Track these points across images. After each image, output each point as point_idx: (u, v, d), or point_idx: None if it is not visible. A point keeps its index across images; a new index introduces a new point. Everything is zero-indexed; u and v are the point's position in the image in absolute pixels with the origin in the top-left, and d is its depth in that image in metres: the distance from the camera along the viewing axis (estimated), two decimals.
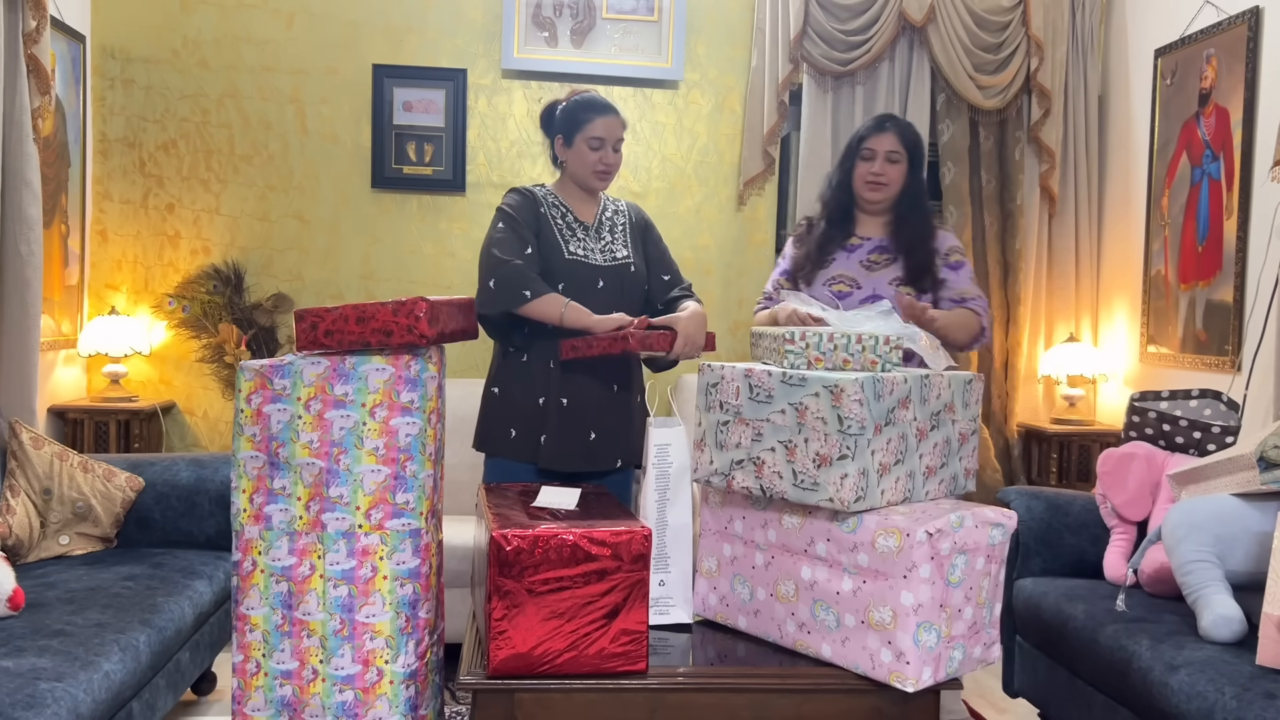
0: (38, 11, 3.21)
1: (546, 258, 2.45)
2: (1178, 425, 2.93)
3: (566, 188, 2.57)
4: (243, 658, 1.95)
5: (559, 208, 2.53)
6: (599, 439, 2.47)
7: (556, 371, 2.43)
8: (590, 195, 2.57)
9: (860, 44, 4.14)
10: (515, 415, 2.46)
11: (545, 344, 2.43)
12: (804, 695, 1.76)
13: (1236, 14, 3.49)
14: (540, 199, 2.52)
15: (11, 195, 3.21)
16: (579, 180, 2.53)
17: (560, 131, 2.51)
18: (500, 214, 2.48)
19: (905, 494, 1.82)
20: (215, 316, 4.03)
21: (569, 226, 2.51)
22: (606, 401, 2.49)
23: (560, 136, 2.52)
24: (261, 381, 1.92)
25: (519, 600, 1.68)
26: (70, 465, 2.88)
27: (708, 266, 4.30)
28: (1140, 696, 2.21)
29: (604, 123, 2.47)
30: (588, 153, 2.48)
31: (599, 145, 2.47)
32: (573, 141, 2.49)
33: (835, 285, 2.67)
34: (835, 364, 1.86)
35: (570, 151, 2.50)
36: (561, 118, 2.51)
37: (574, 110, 2.49)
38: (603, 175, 2.50)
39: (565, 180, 2.57)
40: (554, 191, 2.56)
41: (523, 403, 2.46)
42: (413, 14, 4.14)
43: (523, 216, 2.46)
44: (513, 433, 2.45)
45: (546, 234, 2.47)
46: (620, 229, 2.60)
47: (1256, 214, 3.39)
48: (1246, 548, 2.33)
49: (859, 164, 2.66)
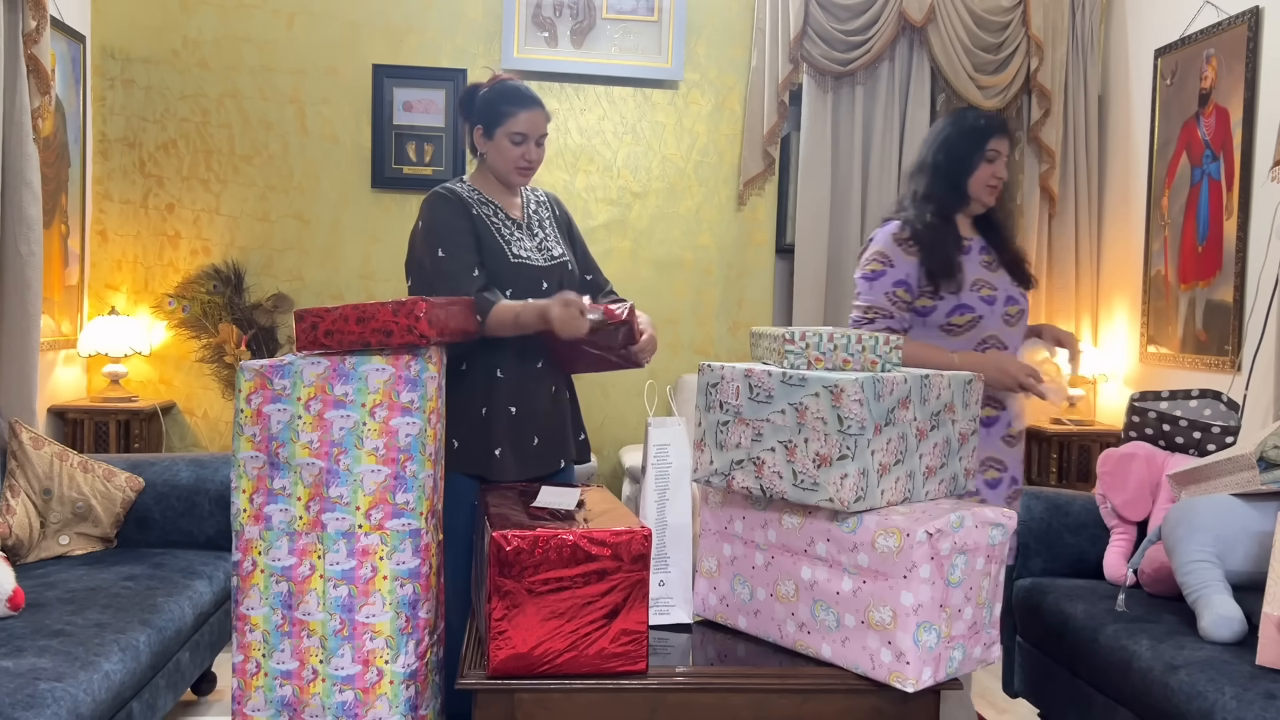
0: (38, 11, 3.21)
1: (490, 265, 2.27)
2: (1178, 425, 2.93)
3: (487, 181, 2.38)
4: (243, 658, 1.95)
5: (488, 204, 2.34)
6: (541, 443, 2.35)
7: (504, 379, 2.30)
8: (511, 189, 2.40)
9: (860, 44, 4.14)
10: (458, 427, 2.28)
11: (487, 351, 2.28)
12: (804, 695, 1.75)
13: (1236, 14, 3.49)
14: (467, 199, 2.31)
15: (11, 195, 3.21)
16: (499, 175, 2.35)
17: (480, 122, 2.32)
18: (430, 235, 2.27)
19: (905, 494, 1.82)
20: (215, 316, 4.03)
21: (504, 225, 2.33)
22: (548, 404, 2.37)
23: (480, 127, 2.33)
24: (261, 381, 1.92)
25: (519, 600, 1.67)
26: (70, 465, 2.88)
27: (708, 266, 4.30)
28: (1140, 696, 2.21)
29: (527, 117, 2.29)
30: (509, 148, 2.30)
31: (521, 140, 2.29)
32: (493, 135, 2.30)
33: (981, 290, 2.50)
34: (835, 364, 1.86)
35: (490, 145, 2.32)
36: (481, 107, 2.32)
37: (494, 101, 2.30)
38: (524, 172, 2.33)
39: (484, 173, 2.38)
40: (476, 187, 2.36)
41: (466, 414, 2.29)
42: (413, 14, 4.14)
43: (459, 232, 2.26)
44: (455, 444, 2.28)
45: (486, 239, 2.29)
46: (548, 223, 2.45)
47: (1256, 214, 3.39)
48: (1246, 548, 2.33)
49: (983, 165, 2.49)
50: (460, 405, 2.28)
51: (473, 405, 2.29)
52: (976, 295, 2.47)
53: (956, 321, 2.47)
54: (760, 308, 4.32)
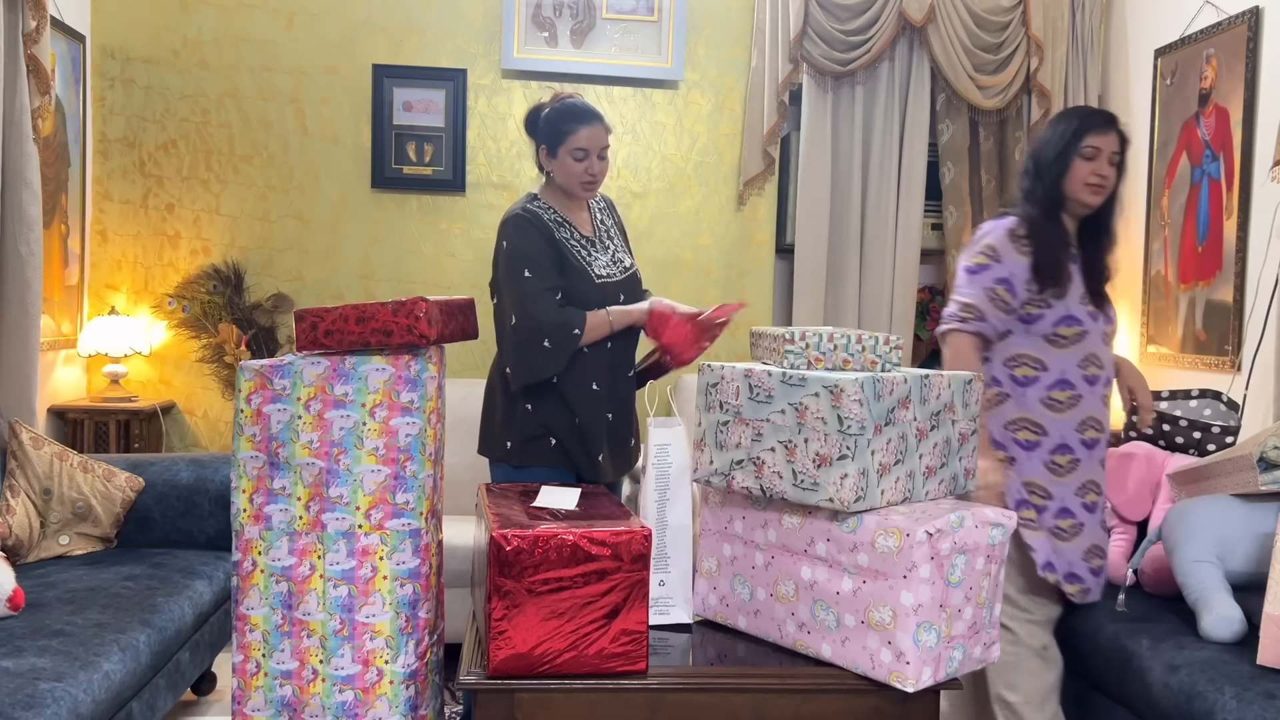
0: (38, 11, 3.21)
1: (575, 287, 2.38)
2: (1178, 425, 2.93)
3: (557, 197, 2.48)
4: (243, 658, 1.95)
5: (565, 225, 2.44)
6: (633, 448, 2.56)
7: (600, 390, 2.41)
8: (578, 202, 2.50)
9: (860, 44, 4.14)
10: (554, 427, 2.40)
11: (579, 364, 2.38)
12: (804, 695, 1.76)
13: (1236, 14, 3.49)
14: (548, 222, 2.41)
15: (11, 195, 3.21)
16: (567, 191, 2.45)
17: (544, 141, 2.42)
18: (517, 257, 2.35)
19: (905, 494, 1.82)
20: (215, 316, 4.03)
21: (582, 246, 2.44)
22: (629, 415, 2.53)
23: (544, 146, 2.43)
24: (261, 381, 1.92)
25: (519, 600, 1.67)
26: (70, 465, 2.88)
27: (708, 266, 4.30)
28: (1140, 696, 2.21)
29: (588, 133, 2.38)
30: (573, 164, 2.39)
31: (584, 156, 2.38)
32: (557, 153, 2.40)
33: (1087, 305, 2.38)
34: (835, 364, 1.86)
35: (555, 163, 2.41)
36: (544, 127, 2.42)
37: (555, 121, 2.40)
38: (589, 186, 2.42)
39: (553, 189, 2.48)
40: (550, 205, 2.46)
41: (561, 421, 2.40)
42: (413, 14, 4.14)
43: (544, 256, 2.36)
44: (553, 441, 2.40)
45: (571, 261, 2.39)
46: (614, 231, 2.57)
47: (1256, 214, 3.39)
48: (1246, 548, 2.33)
49: (1078, 163, 2.36)
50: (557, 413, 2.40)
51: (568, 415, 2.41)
52: (1084, 308, 2.36)
53: (1063, 333, 2.34)
54: (760, 308, 4.32)
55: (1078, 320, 2.35)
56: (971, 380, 1.94)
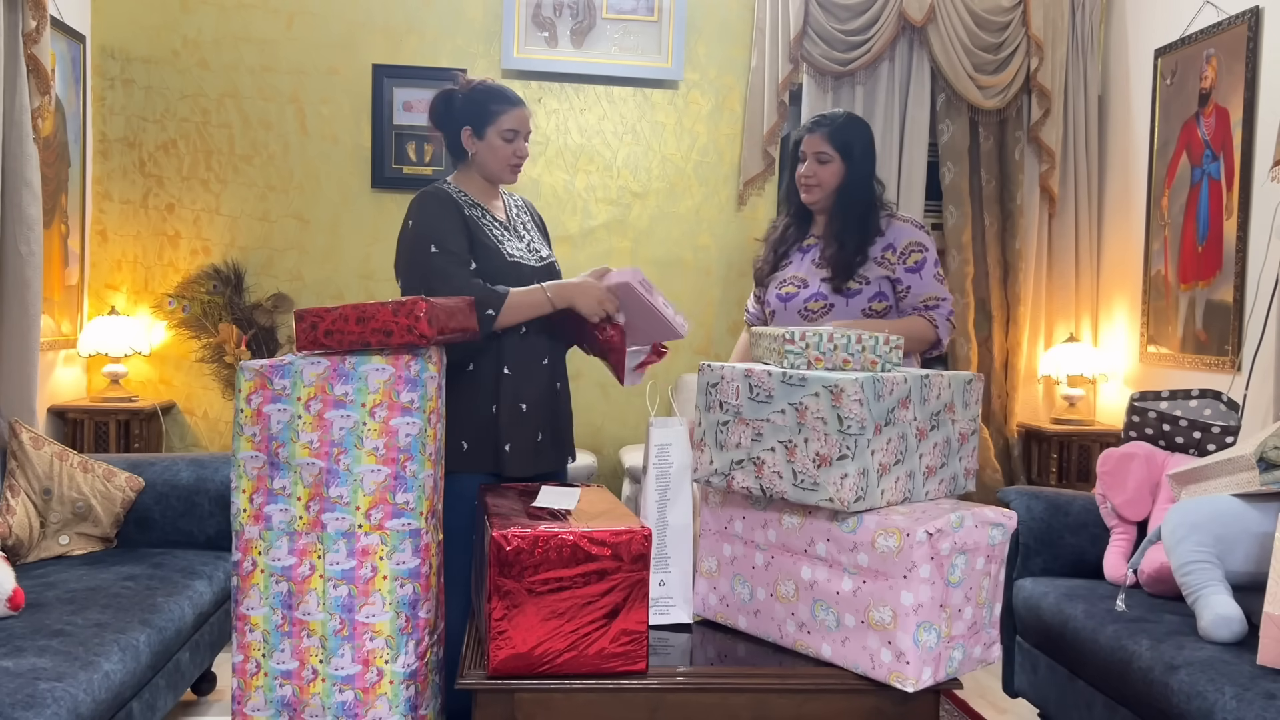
0: (38, 11, 3.21)
1: (486, 264, 2.30)
2: (1178, 425, 2.93)
3: (473, 183, 2.41)
4: (243, 658, 1.95)
5: (477, 207, 2.36)
6: (545, 439, 2.38)
7: (510, 376, 2.31)
8: (493, 190, 2.44)
9: (860, 44, 4.14)
10: (465, 428, 2.30)
11: (493, 349, 2.30)
12: (804, 695, 1.75)
13: (1236, 14, 3.49)
14: (457, 200, 2.34)
15: (11, 195, 3.21)
16: (489, 174, 2.39)
17: (468, 123, 2.36)
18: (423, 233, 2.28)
19: (905, 494, 1.82)
20: (215, 316, 4.03)
21: (493, 226, 2.37)
22: (553, 401, 2.40)
23: (469, 128, 2.36)
24: (261, 381, 1.92)
25: (519, 600, 1.67)
26: (70, 465, 2.88)
27: (708, 266, 4.30)
28: (1140, 696, 2.21)
29: (517, 114, 2.35)
30: (502, 145, 2.34)
31: (513, 137, 2.34)
32: (484, 134, 2.34)
33: (785, 288, 2.65)
34: (835, 364, 1.86)
35: (481, 144, 2.35)
36: (468, 108, 2.35)
37: (483, 101, 2.34)
38: (516, 169, 2.39)
39: (470, 174, 2.42)
40: (461, 189, 2.39)
41: (475, 414, 2.31)
42: (413, 14, 4.14)
43: (453, 231, 2.28)
44: (464, 445, 2.30)
45: (479, 239, 2.31)
46: (530, 225, 2.50)
47: (1256, 214, 3.39)
48: (1246, 548, 2.33)
49: (799, 166, 2.64)
50: (467, 405, 2.30)
51: (481, 404, 2.31)
52: (776, 294, 2.69)
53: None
54: None
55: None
56: (971, 380, 1.95)
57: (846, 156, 2.60)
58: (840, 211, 2.62)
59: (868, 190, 2.62)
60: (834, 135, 2.60)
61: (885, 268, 2.57)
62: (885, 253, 2.57)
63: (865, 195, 2.61)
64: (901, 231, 2.59)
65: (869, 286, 2.57)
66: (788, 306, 2.62)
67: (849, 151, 2.60)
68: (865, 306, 2.56)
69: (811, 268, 2.63)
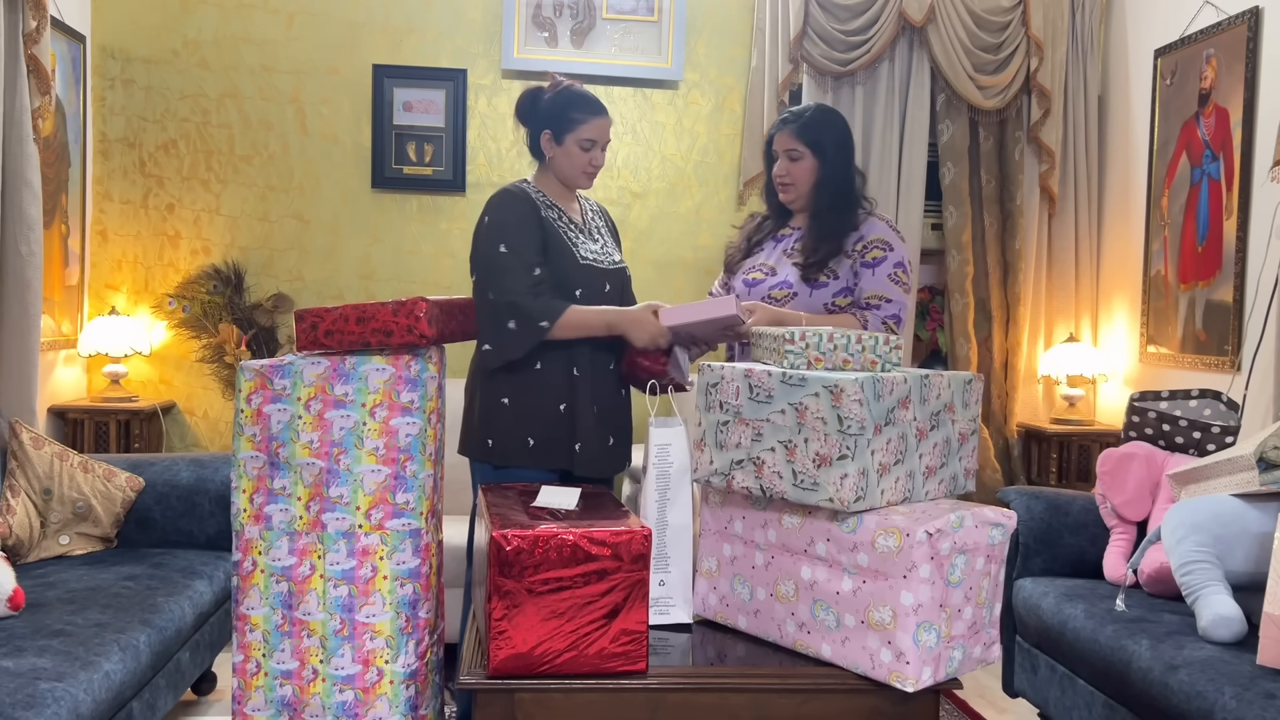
0: (38, 11, 3.21)
1: (559, 265, 2.33)
2: (1178, 425, 2.93)
3: (550, 184, 2.45)
4: (243, 658, 1.95)
5: (554, 208, 2.40)
6: (615, 443, 2.44)
7: (581, 377, 2.34)
8: (570, 192, 2.48)
9: (860, 44, 4.14)
10: (533, 424, 2.33)
11: (563, 349, 2.32)
12: (804, 695, 1.76)
13: (1236, 14, 3.49)
14: (535, 200, 2.38)
15: (11, 195, 3.21)
16: (565, 179, 2.43)
17: (549, 127, 2.39)
18: (496, 230, 2.31)
19: (905, 494, 1.82)
20: (215, 316, 4.03)
21: (569, 228, 2.40)
22: (623, 406, 2.47)
23: (549, 132, 2.40)
24: (261, 381, 1.92)
25: (519, 600, 1.67)
26: (70, 465, 2.88)
27: (708, 266, 4.29)
28: (1140, 696, 2.21)
29: (598, 124, 2.39)
30: (579, 154, 2.38)
31: (590, 147, 2.39)
32: (563, 140, 2.38)
33: (752, 273, 2.63)
34: (835, 364, 1.86)
35: (559, 150, 2.39)
36: (551, 112, 2.39)
37: (565, 108, 2.38)
38: (590, 176, 2.43)
39: (548, 175, 2.45)
40: (540, 189, 2.43)
41: (543, 411, 2.33)
42: (413, 14, 4.14)
43: (525, 231, 2.32)
44: (531, 441, 2.32)
45: (555, 240, 2.34)
46: (604, 230, 2.54)
47: (1256, 214, 3.39)
48: (1246, 548, 2.33)
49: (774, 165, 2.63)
50: (534, 402, 2.33)
51: (549, 401, 2.34)
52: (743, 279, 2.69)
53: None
54: None
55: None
56: (971, 380, 1.95)
57: (818, 151, 2.55)
58: (819, 209, 2.58)
59: (846, 183, 2.57)
60: (802, 131, 2.56)
61: (853, 261, 2.54)
62: (856, 245, 2.54)
63: (844, 189, 2.57)
64: (874, 228, 2.55)
65: (836, 281, 2.52)
66: (752, 293, 2.59)
67: (820, 146, 2.55)
68: (829, 301, 2.52)
69: (782, 256, 2.61)
